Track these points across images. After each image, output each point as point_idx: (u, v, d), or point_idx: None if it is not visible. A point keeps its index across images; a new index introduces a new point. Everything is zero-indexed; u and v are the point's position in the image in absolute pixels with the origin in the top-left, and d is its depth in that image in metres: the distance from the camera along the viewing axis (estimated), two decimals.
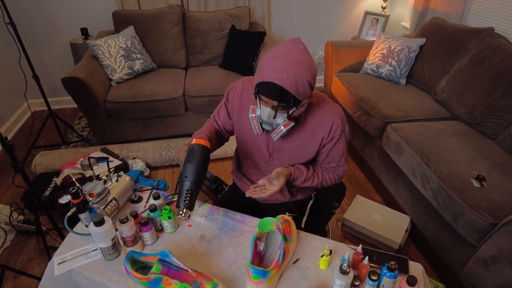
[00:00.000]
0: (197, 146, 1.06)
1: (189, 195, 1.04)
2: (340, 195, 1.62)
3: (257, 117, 1.08)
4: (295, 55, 0.95)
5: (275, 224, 0.98)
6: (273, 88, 0.95)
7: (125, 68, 2.63)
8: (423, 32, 2.60)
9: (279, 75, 0.93)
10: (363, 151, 2.45)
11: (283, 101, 0.97)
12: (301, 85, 0.94)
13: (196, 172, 1.04)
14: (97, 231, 0.91)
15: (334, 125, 1.13)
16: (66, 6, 2.91)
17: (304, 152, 1.20)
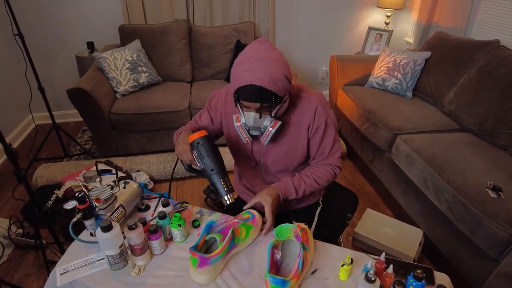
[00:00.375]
0: (201, 139, 1.04)
1: (225, 182, 1.02)
2: (353, 204, 1.57)
3: (243, 125, 1.06)
4: (264, 54, 0.93)
5: (293, 230, 0.93)
6: (251, 90, 0.93)
7: (131, 81, 2.63)
8: (428, 46, 2.62)
9: (254, 75, 0.91)
10: (372, 164, 2.40)
11: (264, 100, 0.95)
12: (278, 80, 0.93)
13: (217, 161, 1.03)
14: (104, 237, 0.86)
15: (317, 112, 1.11)
16: (73, 20, 2.94)
17: (296, 148, 1.16)
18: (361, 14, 3.41)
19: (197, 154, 1.03)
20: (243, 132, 1.06)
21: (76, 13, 2.92)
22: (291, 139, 1.15)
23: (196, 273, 0.90)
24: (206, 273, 0.90)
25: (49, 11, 2.86)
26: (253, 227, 1.01)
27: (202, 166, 1.03)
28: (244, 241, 0.98)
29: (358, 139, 2.55)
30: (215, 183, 1.02)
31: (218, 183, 1.01)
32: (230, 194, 1.02)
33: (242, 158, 1.26)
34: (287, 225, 0.94)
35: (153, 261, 1.00)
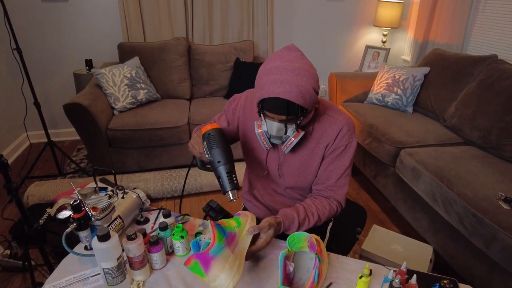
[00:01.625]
0: (212, 131, 0.99)
1: (230, 176, 0.96)
2: (362, 218, 1.50)
3: (264, 133, 1.01)
4: (293, 64, 0.88)
5: (307, 240, 0.86)
6: (278, 103, 0.88)
7: (129, 97, 2.60)
8: (426, 62, 2.64)
9: (282, 88, 0.86)
10: (376, 179, 2.35)
11: (290, 114, 0.90)
12: (306, 94, 0.88)
13: (225, 153, 0.97)
14: (101, 247, 0.78)
15: (340, 133, 1.04)
16: (72, 37, 2.94)
17: (310, 164, 1.10)
18: (358, 33, 3.46)
19: (206, 145, 0.98)
20: (264, 139, 1.01)
21: (75, 30, 2.93)
22: (307, 154, 1.09)
23: (211, 281, 0.78)
24: (219, 271, 0.77)
25: (48, 28, 2.87)
26: (242, 217, 0.93)
27: (210, 158, 0.98)
28: (239, 228, 0.89)
29: (361, 154, 2.51)
30: (221, 176, 0.96)
31: (224, 176, 0.95)
32: (235, 192, 0.95)
33: (254, 166, 1.21)
34: (300, 233, 0.87)
35: (153, 276, 0.92)
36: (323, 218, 1.05)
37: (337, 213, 1.10)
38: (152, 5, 2.92)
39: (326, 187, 1.09)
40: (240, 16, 3.13)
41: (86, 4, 2.86)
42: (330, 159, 1.07)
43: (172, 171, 2.55)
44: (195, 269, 0.79)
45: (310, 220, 1.03)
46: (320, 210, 1.05)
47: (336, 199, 1.09)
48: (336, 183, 1.08)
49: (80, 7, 2.86)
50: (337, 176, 1.08)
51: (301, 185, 1.14)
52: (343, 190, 1.09)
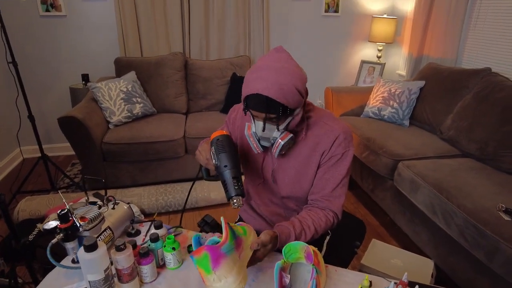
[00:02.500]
0: (221, 136, 0.99)
1: (236, 181, 0.94)
2: (361, 232, 1.47)
3: (253, 134, 1.00)
4: (278, 63, 0.90)
5: (304, 250, 0.83)
6: (258, 99, 0.89)
7: (125, 111, 2.58)
8: (421, 76, 2.66)
9: (262, 84, 0.88)
10: (374, 193, 2.32)
11: (270, 111, 0.90)
12: (288, 92, 0.88)
13: (233, 158, 0.96)
14: (87, 258, 0.75)
15: (336, 141, 1.02)
16: (69, 52, 2.95)
17: (306, 173, 1.07)
18: (354, 49, 3.51)
19: (214, 150, 0.98)
20: (253, 141, 1.00)
21: (72, 45, 2.94)
22: (303, 161, 1.07)
23: (216, 281, 0.72)
24: (227, 273, 0.73)
25: (46, 42, 2.88)
26: (246, 227, 0.89)
27: (217, 162, 0.96)
28: (246, 236, 0.85)
29: (358, 168, 2.49)
30: (226, 180, 0.94)
31: (229, 181, 0.93)
32: (240, 198, 0.93)
33: (250, 173, 1.19)
34: (297, 243, 0.84)
35: None
36: (320, 230, 1.02)
37: (333, 225, 1.07)
38: (149, 21, 2.95)
39: (322, 197, 1.05)
40: (236, 32, 3.17)
41: (84, 19, 2.89)
42: (326, 167, 1.05)
43: (167, 186, 2.51)
44: (202, 263, 0.73)
45: (306, 233, 0.99)
46: (316, 222, 1.01)
47: (332, 210, 1.05)
48: (332, 193, 1.05)
49: (78, 23, 2.89)
50: (333, 186, 1.05)
51: (297, 194, 1.11)
52: (339, 200, 1.06)
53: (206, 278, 0.73)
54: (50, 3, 2.76)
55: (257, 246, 0.85)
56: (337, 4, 3.31)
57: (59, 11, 2.79)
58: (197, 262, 0.73)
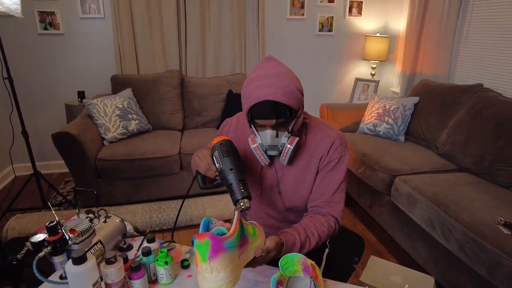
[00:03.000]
0: (224, 141, 0.97)
1: (242, 184, 0.91)
2: (359, 247, 1.44)
3: (259, 146, 1.00)
4: (274, 69, 0.93)
5: (301, 262, 0.80)
6: (266, 106, 0.90)
7: (120, 128, 2.57)
8: (415, 92, 2.69)
9: (268, 91, 0.89)
10: (371, 209, 2.29)
11: (279, 116, 0.91)
12: (292, 93, 0.91)
13: (238, 162, 0.94)
14: (75, 271, 0.71)
15: (333, 146, 1.05)
16: (65, 70, 2.97)
17: (305, 178, 1.08)
18: (348, 67, 3.57)
19: (218, 154, 0.95)
20: (261, 154, 1.00)
21: (69, 63, 2.96)
22: (302, 168, 1.07)
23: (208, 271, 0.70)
24: (221, 268, 0.71)
25: (43, 60, 2.90)
26: (257, 229, 0.87)
27: (221, 166, 0.93)
28: (254, 238, 0.83)
29: (354, 184, 2.47)
30: (232, 184, 0.91)
31: (236, 184, 0.91)
32: (247, 201, 0.90)
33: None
34: (294, 255, 0.81)
35: None
36: (323, 237, 1.00)
37: (335, 231, 1.06)
38: (146, 40, 2.99)
39: (322, 202, 1.06)
40: (232, 50, 3.21)
41: (82, 37, 2.92)
42: (324, 173, 1.06)
43: (161, 203, 2.47)
44: (201, 249, 0.72)
45: (310, 240, 0.98)
46: (319, 228, 1.00)
47: (333, 215, 1.05)
48: (331, 198, 1.06)
49: (76, 41, 2.92)
50: (332, 191, 1.06)
51: (297, 203, 1.10)
52: (339, 206, 1.07)
53: (200, 265, 0.72)
54: (48, 21, 2.79)
55: (261, 253, 0.83)
56: (330, 23, 3.39)
57: (57, 29, 2.83)
58: (197, 246, 0.72)
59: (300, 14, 3.31)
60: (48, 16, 2.78)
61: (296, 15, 3.30)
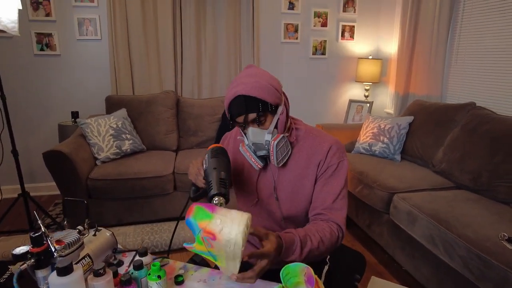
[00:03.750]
0: (218, 147, 0.98)
1: (222, 182, 0.87)
2: (360, 265, 1.38)
3: (248, 149, 1.01)
4: (248, 72, 0.98)
5: (304, 272, 0.75)
6: (237, 102, 0.94)
7: (113, 148, 2.53)
8: (409, 112, 2.72)
9: (238, 88, 0.94)
10: (370, 229, 2.24)
11: (250, 109, 0.93)
12: (263, 87, 0.94)
13: (224, 164, 0.93)
14: (60, 283, 0.66)
15: (330, 151, 1.03)
16: (60, 90, 2.95)
17: (303, 185, 1.05)
18: (341, 89, 3.62)
19: (207, 157, 0.96)
20: (251, 156, 1.01)
21: (64, 83, 2.96)
22: (300, 173, 1.05)
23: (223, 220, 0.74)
24: (226, 211, 0.76)
25: (38, 80, 2.89)
26: None
27: (206, 165, 0.93)
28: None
29: (353, 204, 2.43)
30: (212, 181, 0.87)
31: (215, 180, 0.87)
32: (222, 199, 0.85)
33: (244, 194, 1.15)
34: (295, 265, 0.76)
35: None
36: (325, 241, 0.95)
37: (338, 239, 1.01)
38: (142, 62, 3.02)
39: (324, 210, 1.02)
40: (228, 73, 3.25)
41: (77, 58, 2.94)
42: (324, 180, 1.04)
43: (154, 225, 2.39)
44: (199, 215, 0.74)
45: (312, 240, 0.93)
46: (320, 232, 0.96)
47: (335, 221, 1.01)
48: (333, 204, 1.02)
49: (71, 61, 2.93)
50: (333, 198, 1.03)
51: (295, 211, 1.07)
52: (341, 213, 1.03)
53: (211, 226, 0.72)
54: (45, 42, 2.82)
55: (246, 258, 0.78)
56: (324, 47, 3.47)
57: (53, 50, 2.84)
58: (194, 217, 0.72)
59: (294, 38, 3.39)
60: (45, 38, 2.81)
61: (290, 38, 3.38)
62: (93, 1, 2.84)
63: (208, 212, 0.73)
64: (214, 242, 0.73)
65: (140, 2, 2.88)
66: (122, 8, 2.85)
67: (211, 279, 0.95)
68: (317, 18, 3.38)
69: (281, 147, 0.98)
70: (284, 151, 1.00)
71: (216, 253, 0.74)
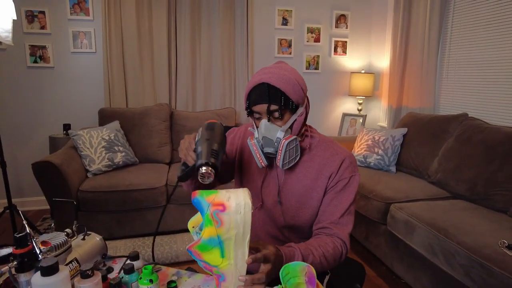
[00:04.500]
0: (214, 122, 0.91)
1: (213, 152, 0.80)
2: (360, 275, 1.34)
3: (256, 143, 0.95)
4: (279, 65, 0.96)
5: (305, 271, 0.71)
6: (260, 90, 0.91)
7: (105, 160, 2.48)
8: (403, 124, 2.73)
9: (263, 76, 0.91)
10: (367, 241, 2.20)
11: (272, 100, 0.90)
12: (289, 81, 0.91)
13: (220, 137, 0.86)
14: (43, 283, 0.61)
15: (343, 164, 0.99)
16: (51, 102, 2.92)
17: (311, 195, 1.01)
18: (335, 103, 3.64)
19: (200, 130, 0.89)
20: (257, 151, 0.96)
21: (56, 95, 2.92)
22: (308, 184, 1.01)
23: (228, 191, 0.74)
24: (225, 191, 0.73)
25: (29, 92, 2.85)
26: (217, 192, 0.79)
27: (199, 137, 0.87)
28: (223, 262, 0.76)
29: None
30: (202, 151, 0.80)
31: (205, 150, 0.80)
32: (210, 169, 0.78)
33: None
34: (296, 263, 0.72)
35: None
36: (328, 256, 0.92)
37: (342, 255, 0.97)
38: (136, 74, 3.01)
39: (329, 224, 0.98)
40: (222, 86, 3.26)
41: (71, 71, 2.92)
42: (333, 193, 0.99)
43: (145, 239, 2.32)
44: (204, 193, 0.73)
45: (314, 254, 0.90)
46: (322, 247, 0.92)
47: (340, 237, 0.97)
48: (340, 219, 0.98)
49: (65, 74, 2.91)
50: (341, 212, 0.98)
51: (299, 221, 1.03)
52: (347, 228, 0.99)
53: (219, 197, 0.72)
54: (39, 55, 2.80)
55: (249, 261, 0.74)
56: (317, 62, 3.51)
57: (47, 62, 2.83)
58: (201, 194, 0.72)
59: (287, 53, 3.43)
60: (39, 50, 2.80)
61: (283, 53, 3.42)
62: (89, 15, 2.85)
63: (211, 190, 0.73)
64: (224, 213, 0.70)
65: (135, 16, 2.91)
66: (118, 21, 2.87)
67: (206, 285, 0.90)
68: (310, 34, 3.44)
69: (290, 149, 0.93)
70: (292, 154, 0.95)
71: (225, 234, 0.71)
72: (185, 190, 1.08)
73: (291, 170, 1.02)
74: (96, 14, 2.88)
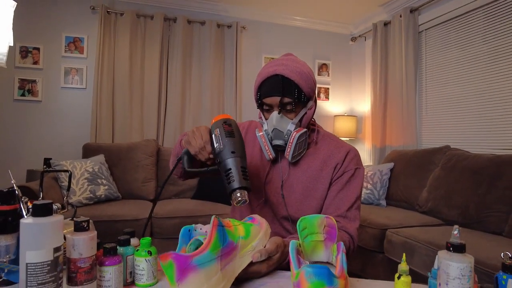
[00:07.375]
0: (229, 120, 0.83)
1: (243, 172, 0.75)
2: None
3: (265, 135, 0.94)
4: (290, 57, 0.96)
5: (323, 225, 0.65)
6: (273, 82, 0.90)
7: (87, 192, 2.35)
8: (389, 160, 2.79)
9: (276, 67, 0.91)
10: (364, 272, 2.08)
11: (286, 93, 0.89)
12: (302, 74, 0.90)
13: (242, 146, 0.80)
14: (34, 223, 0.54)
15: (348, 156, 0.98)
16: (34, 136, 2.84)
17: (316, 187, 0.98)
18: None
19: (219, 132, 0.79)
20: (265, 143, 0.93)
21: (39, 129, 2.85)
22: (313, 175, 0.98)
23: None
24: None
25: (13, 125, 2.79)
26: (254, 225, 0.71)
27: (221, 147, 0.78)
28: (246, 240, 0.66)
29: None
30: (231, 169, 0.75)
31: (235, 170, 0.75)
32: (245, 193, 0.74)
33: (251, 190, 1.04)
34: (313, 216, 0.66)
35: None
36: None
37: (349, 251, 0.92)
38: (125, 111, 3.02)
39: (337, 217, 0.94)
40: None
41: (58, 105, 2.90)
42: (339, 185, 0.96)
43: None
44: (167, 271, 0.59)
45: None
46: None
47: (348, 231, 0.92)
48: (346, 213, 0.95)
49: (51, 108, 2.89)
50: (348, 205, 0.95)
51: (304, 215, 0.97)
52: (355, 223, 0.95)
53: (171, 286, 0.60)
54: (27, 88, 2.80)
55: (259, 258, 0.69)
56: None
57: (35, 96, 2.81)
58: (163, 267, 0.60)
59: None
60: (28, 84, 2.80)
61: None
62: (83, 53, 2.94)
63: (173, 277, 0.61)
64: None
65: (129, 55, 3.02)
66: (111, 59, 2.96)
67: None
68: None
69: (300, 142, 0.92)
70: (301, 147, 0.94)
71: None
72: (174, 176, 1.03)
73: (295, 164, 1.00)
74: (90, 52, 2.97)
